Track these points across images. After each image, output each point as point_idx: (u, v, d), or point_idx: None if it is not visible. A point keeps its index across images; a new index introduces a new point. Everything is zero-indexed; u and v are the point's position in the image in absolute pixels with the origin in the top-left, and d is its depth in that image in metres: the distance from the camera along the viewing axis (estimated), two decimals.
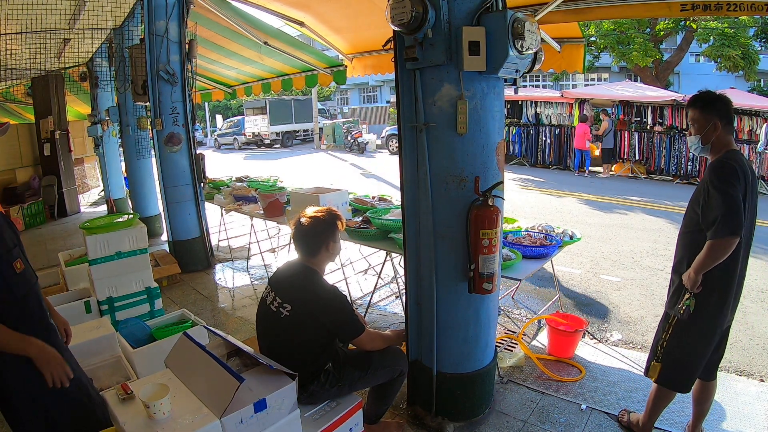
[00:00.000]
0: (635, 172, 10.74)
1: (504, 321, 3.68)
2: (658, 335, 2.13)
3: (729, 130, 1.93)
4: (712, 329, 1.98)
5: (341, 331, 1.97)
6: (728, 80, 15.91)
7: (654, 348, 2.15)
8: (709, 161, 1.97)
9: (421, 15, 1.89)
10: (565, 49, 3.69)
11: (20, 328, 1.57)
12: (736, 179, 1.79)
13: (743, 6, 2.49)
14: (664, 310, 2.14)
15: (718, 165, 1.87)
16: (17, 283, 1.61)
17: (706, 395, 2.19)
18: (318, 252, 2.02)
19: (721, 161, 1.88)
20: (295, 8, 4.40)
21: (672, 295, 2.07)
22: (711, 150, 1.95)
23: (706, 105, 1.94)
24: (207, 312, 4.04)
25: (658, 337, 2.13)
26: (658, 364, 2.10)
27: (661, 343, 2.10)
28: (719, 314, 1.95)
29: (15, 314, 1.59)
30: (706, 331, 1.99)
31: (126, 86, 5.71)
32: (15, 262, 1.60)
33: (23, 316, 1.62)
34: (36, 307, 1.69)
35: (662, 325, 2.12)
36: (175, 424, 1.48)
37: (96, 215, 6.83)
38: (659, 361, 2.10)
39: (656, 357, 2.12)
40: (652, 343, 2.18)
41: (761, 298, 4.04)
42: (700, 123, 1.95)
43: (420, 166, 2.20)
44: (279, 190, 4.77)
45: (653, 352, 2.15)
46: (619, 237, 5.95)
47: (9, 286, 1.57)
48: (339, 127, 19.75)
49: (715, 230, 1.78)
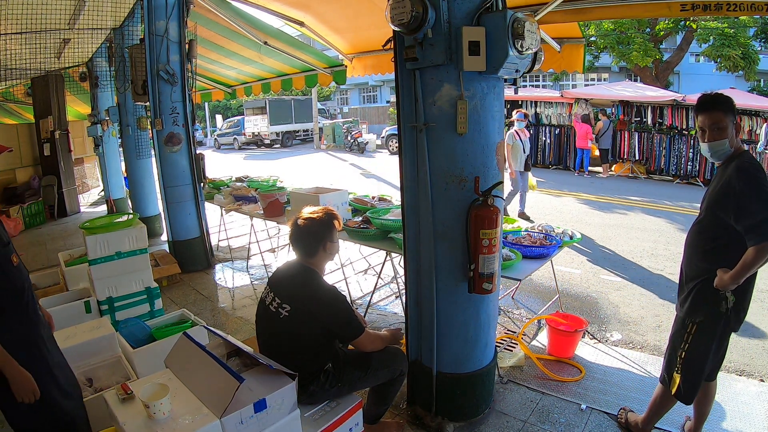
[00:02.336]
0: (635, 172, 10.74)
1: (504, 321, 3.68)
2: (675, 344, 2.04)
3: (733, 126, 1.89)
4: (728, 333, 1.95)
5: (340, 332, 1.97)
6: (728, 80, 15.89)
7: (672, 358, 2.06)
8: (719, 164, 1.93)
9: (421, 15, 1.89)
10: (565, 49, 3.70)
11: (19, 317, 1.71)
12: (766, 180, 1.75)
13: (743, 6, 2.49)
14: (678, 317, 2.05)
15: (748, 166, 1.80)
16: (15, 276, 1.71)
17: (707, 396, 2.16)
18: (316, 252, 2.02)
19: (748, 163, 1.81)
20: (295, 8, 4.40)
21: (692, 301, 1.96)
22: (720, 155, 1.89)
23: (729, 107, 1.85)
24: (207, 312, 4.04)
25: (675, 346, 2.04)
26: (678, 376, 2.01)
27: (680, 353, 2.01)
28: (738, 318, 1.92)
29: (15, 305, 1.71)
30: (723, 337, 1.95)
31: (126, 86, 5.71)
32: (11, 255, 1.72)
33: (20, 306, 1.73)
34: (30, 299, 1.79)
35: (679, 333, 2.02)
36: (175, 424, 1.48)
37: (96, 215, 6.83)
38: (679, 372, 2.01)
39: (676, 368, 2.03)
40: (668, 352, 2.11)
41: (761, 298, 4.03)
42: (726, 126, 1.83)
43: (420, 166, 2.20)
44: (279, 190, 4.77)
45: (671, 363, 2.06)
46: (619, 237, 5.95)
47: (9, 279, 1.68)
48: (339, 127, 19.75)
49: (763, 234, 1.70)
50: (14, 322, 1.70)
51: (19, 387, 1.62)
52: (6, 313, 1.67)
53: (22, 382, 1.62)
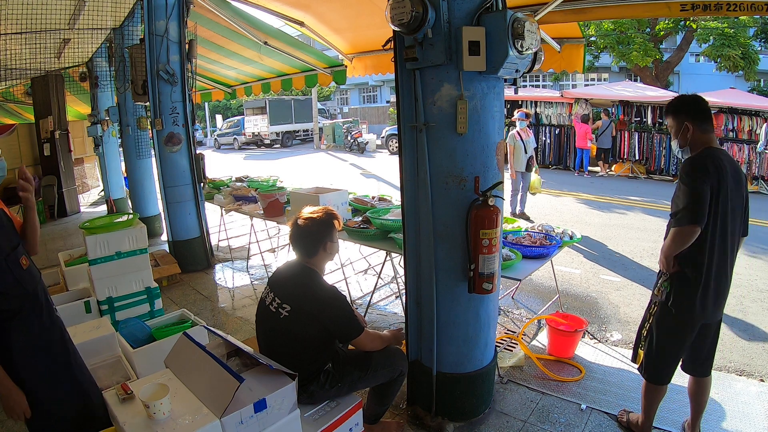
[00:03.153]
0: (635, 172, 10.75)
1: (504, 321, 3.68)
2: (643, 320, 2.21)
3: (704, 129, 1.98)
4: (689, 322, 2.04)
5: (341, 332, 1.97)
6: (728, 80, 15.88)
7: (639, 333, 2.22)
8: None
9: (421, 15, 1.89)
10: (565, 49, 3.70)
11: (33, 320, 1.68)
12: (703, 175, 1.89)
13: (743, 6, 2.49)
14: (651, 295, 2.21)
15: (688, 162, 1.98)
16: (26, 279, 1.68)
17: (701, 391, 2.22)
18: (316, 252, 2.02)
19: (692, 159, 1.98)
20: (295, 8, 4.40)
21: (656, 281, 2.15)
22: (690, 150, 2.03)
23: (676, 110, 2.06)
24: (207, 312, 4.04)
25: (642, 322, 2.20)
26: (642, 351, 2.20)
27: (643, 331, 2.18)
28: (693, 307, 2.00)
29: (29, 308, 1.68)
30: (680, 322, 2.06)
31: (126, 86, 5.71)
32: (21, 258, 1.69)
33: (35, 308, 1.71)
34: (44, 301, 1.76)
35: (646, 311, 2.19)
36: (175, 424, 1.48)
37: (96, 215, 6.84)
38: (643, 348, 2.19)
39: (641, 344, 2.20)
40: (638, 328, 2.24)
41: (761, 298, 4.04)
42: (674, 128, 2.06)
43: (420, 166, 2.20)
44: (279, 190, 4.77)
45: (638, 338, 2.22)
46: (619, 237, 5.95)
47: (20, 282, 1.65)
48: (339, 127, 19.75)
49: (678, 219, 1.94)
50: (28, 326, 1.67)
51: (10, 405, 1.59)
52: (20, 316, 1.64)
53: (15, 400, 1.60)
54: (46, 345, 1.73)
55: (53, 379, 1.70)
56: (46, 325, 1.74)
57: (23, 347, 1.63)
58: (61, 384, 1.74)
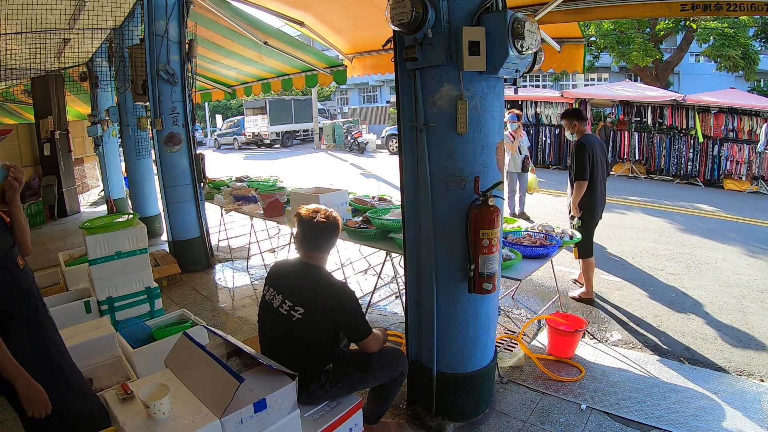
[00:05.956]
0: (635, 172, 10.75)
1: (504, 321, 3.68)
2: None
3: (583, 123, 3.82)
4: (592, 225, 3.84)
5: (354, 332, 1.97)
6: (728, 80, 15.87)
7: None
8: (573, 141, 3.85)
9: (421, 15, 1.89)
10: (565, 49, 3.70)
11: (30, 321, 1.69)
12: (584, 149, 3.67)
13: (743, 6, 2.49)
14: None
15: (576, 143, 3.76)
16: (22, 279, 1.69)
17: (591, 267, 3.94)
18: (324, 252, 2.03)
19: (579, 141, 3.75)
20: (295, 8, 4.40)
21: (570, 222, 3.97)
22: (576, 136, 3.82)
23: (569, 116, 3.89)
24: (207, 312, 4.04)
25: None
26: (576, 248, 3.87)
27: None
28: (592, 217, 3.81)
29: (26, 307, 1.69)
30: (588, 226, 3.80)
31: (126, 86, 5.71)
32: (17, 257, 1.70)
33: (30, 308, 1.71)
34: (39, 300, 1.77)
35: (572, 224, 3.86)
36: (175, 424, 1.48)
37: (96, 215, 6.84)
38: (576, 246, 3.79)
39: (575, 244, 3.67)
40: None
41: (761, 298, 4.04)
42: (568, 125, 3.88)
43: (420, 166, 2.20)
44: (279, 190, 4.76)
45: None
46: (619, 237, 5.95)
47: (17, 282, 1.66)
48: (339, 127, 19.75)
49: (575, 176, 3.74)
50: (26, 326, 1.67)
51: (31, 401, 1.57)
52: (16, 316, 1.64)
53: (36, 396, 1.58)
54: (41, 345, 1.73)
55: (49, 378, 1.69)
56: (42, 325, 1.75)
57: (22, 347, 1.62)
58: (56, 383, 1.73)
